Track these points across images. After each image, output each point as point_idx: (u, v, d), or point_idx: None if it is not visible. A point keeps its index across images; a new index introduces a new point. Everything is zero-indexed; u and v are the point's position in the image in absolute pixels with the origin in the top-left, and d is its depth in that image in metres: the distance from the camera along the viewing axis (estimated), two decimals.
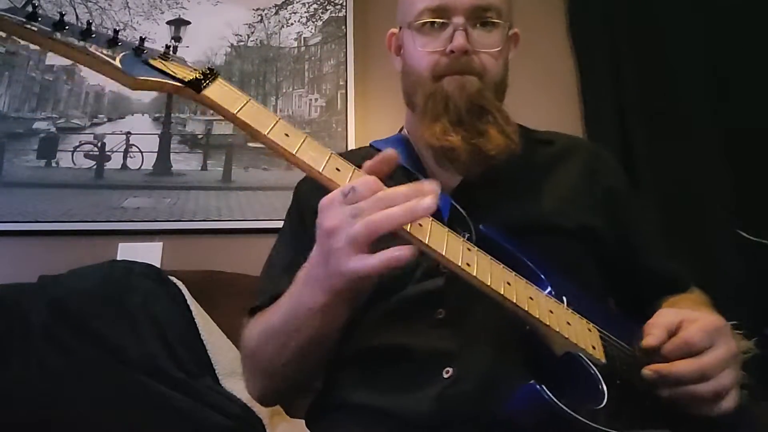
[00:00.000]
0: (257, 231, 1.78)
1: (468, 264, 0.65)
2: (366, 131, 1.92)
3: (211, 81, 0.66)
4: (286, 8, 2.08)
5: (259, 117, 0.66)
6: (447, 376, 0.72)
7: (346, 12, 2.06)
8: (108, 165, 1.86)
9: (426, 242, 0.63)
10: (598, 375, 0.67)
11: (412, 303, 0.78)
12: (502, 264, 0.70)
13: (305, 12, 2.08)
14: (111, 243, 1.72)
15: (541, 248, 0.78)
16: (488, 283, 0.65)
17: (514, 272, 0.70)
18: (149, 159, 1.89)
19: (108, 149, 1.89)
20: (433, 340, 0.74)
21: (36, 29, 0.63)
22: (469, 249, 0.67)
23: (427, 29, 0.89)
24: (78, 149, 1.88)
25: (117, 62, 0.64)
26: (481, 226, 0.77)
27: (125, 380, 1.27)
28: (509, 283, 0.67)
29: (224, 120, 0.67)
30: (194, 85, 0.65)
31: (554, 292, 0.74)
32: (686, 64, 1.90)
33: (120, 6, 2.04)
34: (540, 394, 0.61)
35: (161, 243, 1.74)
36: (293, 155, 0.65)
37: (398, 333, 0.77)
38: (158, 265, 1.61)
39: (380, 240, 0.62)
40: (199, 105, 0.69)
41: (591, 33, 2.00)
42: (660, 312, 0.73)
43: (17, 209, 1.77)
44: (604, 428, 0.61)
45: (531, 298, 0.68)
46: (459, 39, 0.85)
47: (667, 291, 0.91)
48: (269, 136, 0.65)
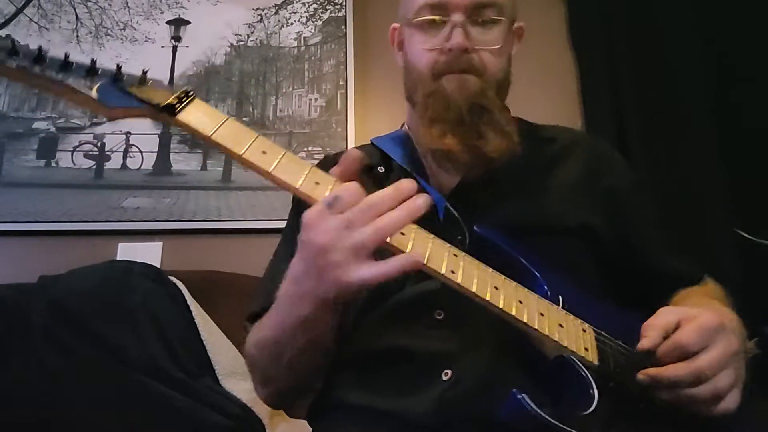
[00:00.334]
0: (257, 231, 1.78)
1: (452, 271, 0.64)
2: (366, 131, 1.92)
3: (188, 103, 0.66)
4: (286, 8, 2.08)
5: (237, 136, 0.65)
6: (446, 378, 0.71)
7: (346, 12, 2.06)
8: (108, 165, 1.86)
9: (408, 252, 0.63)
10: (590, 378, 0.67)
11: (411, 305, 0.77)
12: (493, 267, 0.69)
13: (305, 12, 2.08)
14: (111, 243, 1.72)
15: (541, 248, 0.77)
16: (473, 290, 0.65)
17: (506, 275, 0.70)
18: (149, 159, 1.89)
19: (108, 149, 1.89)
20: (432, 342, 0.74)
21: (15, 65, 0.63)
22: (456, 255, 0.66)
23: (427, 26, 0.87)
24: (78, 149, 1.88)
25: (94, 93, 0.64)
26: (476, 228, 0.77)
27: (125, 380, 1.27)
28: (497, 288, 0.67)
29: None
30: (169, 110, 0.65)
31: (550, 293, 0.73)
32: (684, 64, 1.90)
33: (120, 6, 2.03)
34: (521, 404, 0.61)
35: (161, 243, 1.74)
36: (269, 173, 0.64)
37: (397, 335, 0.77)
38: (158, 265, 1.61)
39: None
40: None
41: (590, 33, 2.00)
42: (659, 311, 0.72)
43: (17, 209, 1.77)
44: None
45: (520, 302, 0.68)
46: (457, 37, 0.84)
47: (674, 288, 0.89)
48: (244, 156, 0.64)
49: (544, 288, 0.74)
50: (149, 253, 1.68)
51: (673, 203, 1.74)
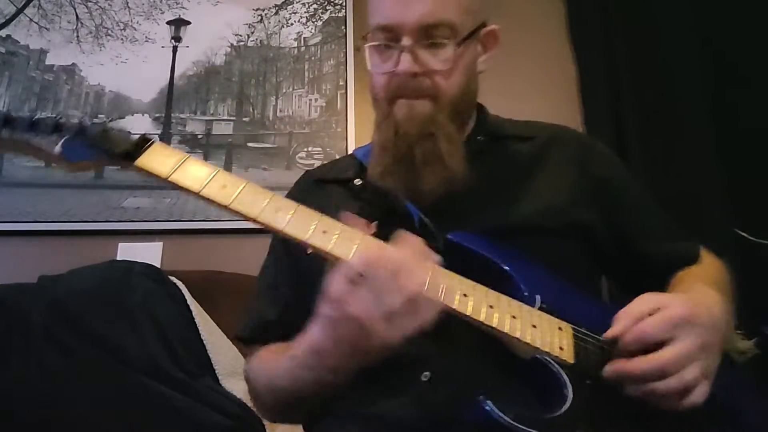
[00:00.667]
0: (257, 231, 1.76)
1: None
2: (366, 131, 1.91)
3: (147, 148, 0.69)
4: (286, 8, 2.08)
5: (197, 173, 0.68)
6: (425, 380, 0.73)
7: (346, 12, 2.06)
8: None
9: None
10: (564, 378, 0.67)
11: None
12: (469, 273, 0.70)
13: (305, 12, 2.08)
14: (111, 243, 1.72)
15: (525, 248, 0.77)
16: (440, 300, 0.66)
17: (483, 279, 0.71)
18: None
19: None
20: (412, 347, 0.75)
21: None
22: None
23: (382, 48, 0.86)
24: None
25: (58, 149, 0.67)
26: (449, 235, 0.77)
27: (125, 380, 1.27)
28: (466, 295, 0.68)
29: (224, 120, 0.68)
30: (129, 157, 0.68)
31: (527, 293, 0.73)
32: (682, 64, 1.90)
33: (120, 6, 2.04)
34: (485, 410, 0.62)
35: (161, 243, 1.75)
36: (227, 207, 0.67)
37: None
38: (158, 265, 1.61)
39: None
40: (199, 106, 0.70)
41: (590, 33, 2.01)
42: (636, 299, 0.71)
43: (17, 209, 1.77)
44: None
45: (491, 306, 0.68)
46: (405, 62, 0.82)
47: (673, 271, 0.89)
48: (201, 193, 0.67)
49: (522, 288, 0.74)
50: (149, 253, 1.68)
51: (672, 203, 1.74)
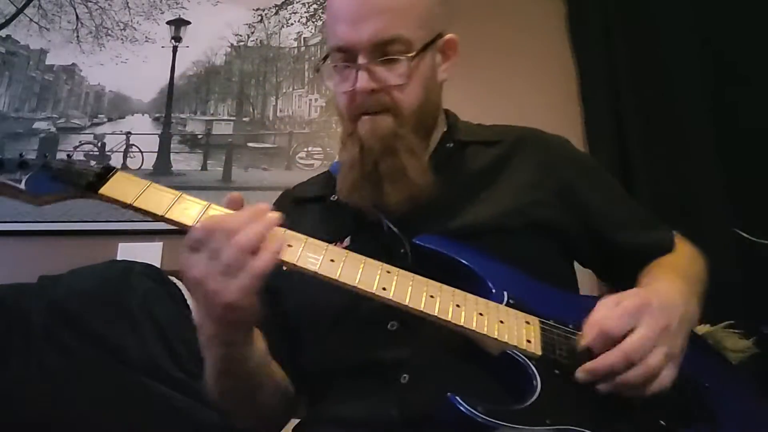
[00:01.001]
0: None
1: (384, 288, 0.69)
2: None
3: (110, 177, 0.73)
4: (286, 8, 2.08)
5: (160, 199, 0.74)
6: (404, 382, 0.75)
7: None
8: None
9: (336, 278, 0.68)
10: (533, 369, 0.70)
11: (366, 321, 0.80)
12: (437, 275, 0.73)
13: (305, 12, 2.08)
14: (111, 243, 1.72)
15: (489, 248, 0.80)
16: (405, 303, 0.69)
17: (451, 280, 0.73)
18: (149, 159, 1.89)
19: (108, 149, 1.89)
20: (389, 351, 0.78)
21: None
22: (389, 271, 0.71)
23: (341, 68, 0.87)
24: (78, 149, 1.88)
25: (22, 185, 0.70)
26: (416, 240, 0.80)
27: (125, 380, 1.27)
28: (432, 296, 0.71)
29: (224, 120, 0.69)
30: (92, 187, 0.72)
31: (495, 290, 0.76)
32: (681, 64, 1.90)
33: (120, 6, 2.04)
34: (452, 405, 0.64)
35: (161, 243, 1.74)
36: (186, 225, 0.71)
37: (358, 350, 0.81)
38: (158, 265, 1.61)
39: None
40: (199, 106, 0.71)
41: (590, 33, 2.01)
42: (598, 305, 0.73)
43: (17, 209, 1.77)
44: (528, 427, 0.64)
45: (458, 306, 0.71)
46: (361, 81, 0.84)
47: (646, 261, 0.91)
48: (167, 216, 0.72)
49: (489, 286, 0.77)
50: (149, 253, 1.68)
51: (672, 203, 1.74)
